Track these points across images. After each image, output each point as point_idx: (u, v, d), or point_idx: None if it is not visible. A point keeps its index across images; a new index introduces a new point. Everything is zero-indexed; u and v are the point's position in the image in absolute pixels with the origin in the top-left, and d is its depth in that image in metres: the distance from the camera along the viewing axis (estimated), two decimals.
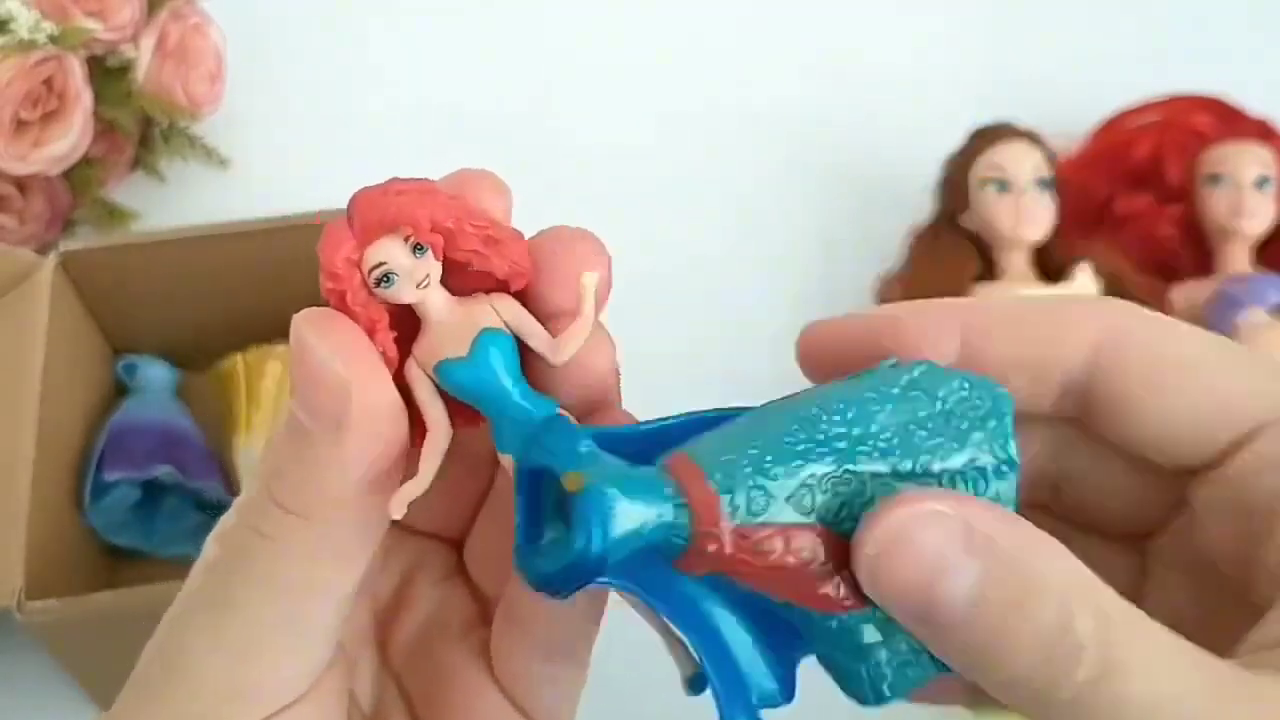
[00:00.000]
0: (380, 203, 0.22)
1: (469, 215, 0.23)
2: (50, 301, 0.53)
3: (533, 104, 0.76)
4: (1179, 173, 0.66)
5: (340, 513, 0.23)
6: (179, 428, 0.57)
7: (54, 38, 0.61)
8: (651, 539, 0.21)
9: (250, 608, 0.23)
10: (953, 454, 0.22)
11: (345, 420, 0.22)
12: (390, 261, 0.22)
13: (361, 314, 0.22)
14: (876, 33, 0.80)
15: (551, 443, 0.22)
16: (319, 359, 0.22)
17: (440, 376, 0.23)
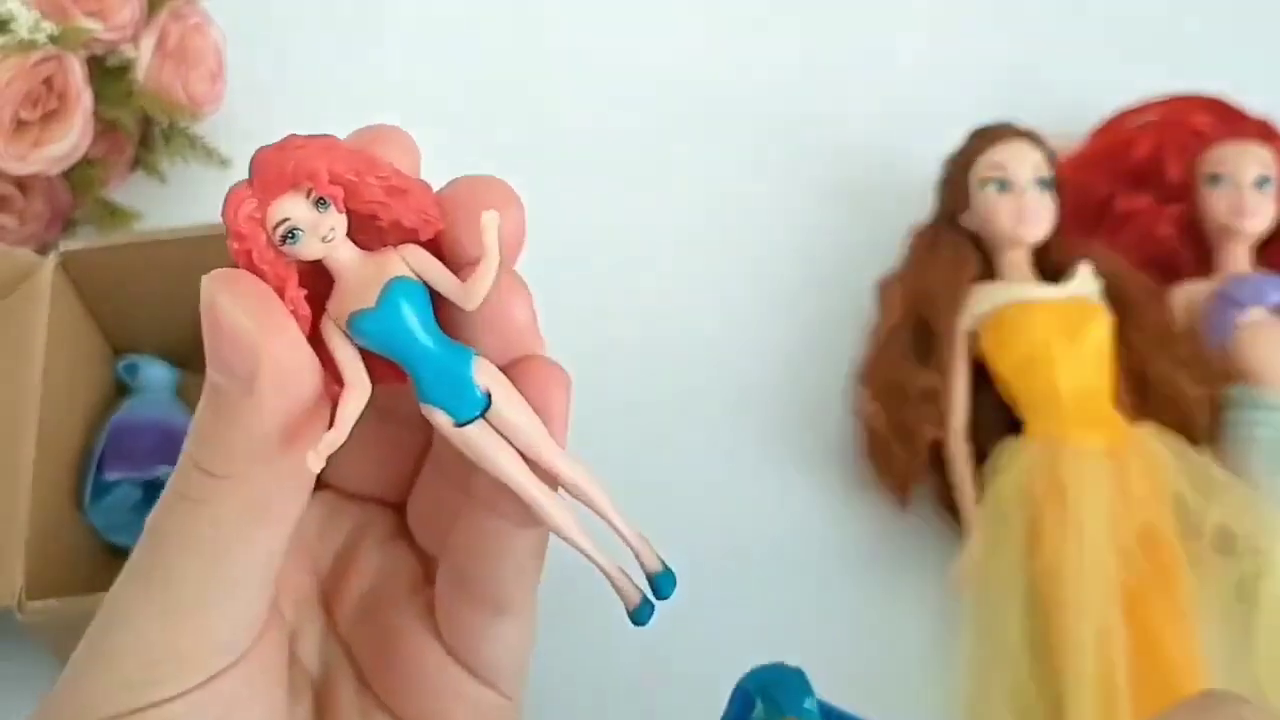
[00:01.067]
0: (279, 159, 0.22)
1: (371, 167, 0.23)
2: (50, 301, 0.53)
3: (533, 104, 0.76)
4: (1179, 173, 0.66)
5: (258, 470, 0.23)
6: (179, 428, 0.57)
7: (54, 38, 0.61)
8: None
9: (177, 570, 0.23)
10: None
11: (256, 375, 0.22)
12: (293, 217, 0.22)
13: (269, 272, 0.22)
14: (876, 32, 0.80)
15: (784, 688, 0.23)
16: (227, 314, 0.22)
17: (352, 330, 0.23)
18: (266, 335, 0.22)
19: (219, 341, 0.22)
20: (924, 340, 0.61)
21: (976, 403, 0.60)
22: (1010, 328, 0.59)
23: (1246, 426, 0.59)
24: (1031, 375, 0.58)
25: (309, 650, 0.28)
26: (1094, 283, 0.61)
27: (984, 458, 0.58)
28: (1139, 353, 0.60)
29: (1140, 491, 0.56)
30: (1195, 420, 0.59)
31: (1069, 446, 0.56)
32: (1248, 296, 0.61)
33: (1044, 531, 0.55)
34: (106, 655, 0.24)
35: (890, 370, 0.61)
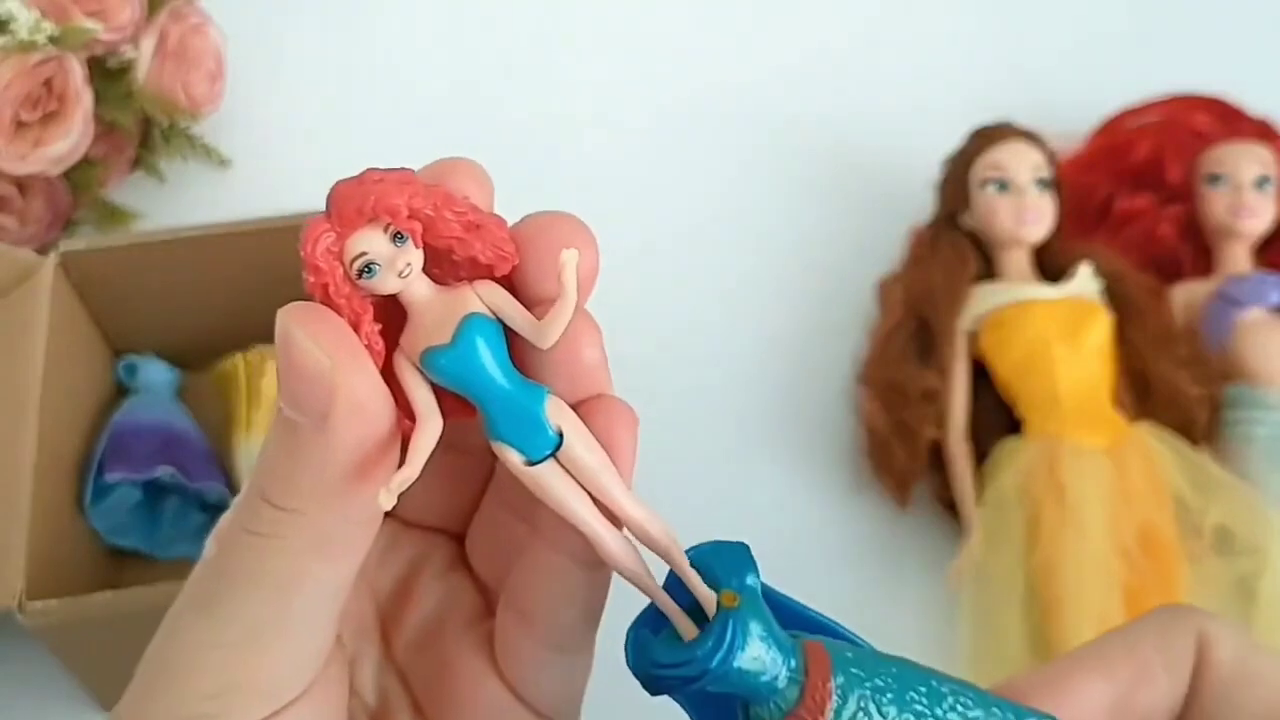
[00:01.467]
0: (357, 193, 0.22)
1: (448, 202, 0.23)
2: (50, 301, 0.53)
3: (531, 103, 0.76)
4: (1179, 173, 0.66)
5: (328, 506, 0.23)
6: (179, 428, 0.57)
7: (54, 38, 0.61)
8: (754, 690, 0.22)
9: (244, 606, 0.23)
10: None
11: (330, 410, 0.22)
12: (371, 251, 0.22)
13: (345, 306, 0.22)
14: (876, 32, 0.80)
15: (725, 562, 0.23)
16: (302, 349, 0.22)
17: (426, 365, 0.23)
18: (342, 372, 0.22)
19: (293, 377, 0.22)
20: (924, 340, 0.61)
21: (976, 402, 0.60)
22: (1010, 327, 0.59)
23: (1245, 425, 0.59)
24: (1031, 375, 0.58)
25: (366, 679, 0.28)
26: (1094, 283, 0.61)
27: (984, 457, 0.58)
28: (1139, 352, 0.60)
29: (1139, 490, 0.56)
30: (1195, 419, 0.59)
31: (1068, 446, 0.56)
32: (1247, 296, 0.61)
33: (1043, 530, 0.55)
34: (166, 687, 0.23)
35: (890, 370, 0.61)
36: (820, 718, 0.22)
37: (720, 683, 0.22)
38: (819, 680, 0.22)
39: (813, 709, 0.22)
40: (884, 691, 0.22)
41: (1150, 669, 0.25)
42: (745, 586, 0.22)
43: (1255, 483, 0.57)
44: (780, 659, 0.22)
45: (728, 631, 0.21)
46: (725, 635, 0.21)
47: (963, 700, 0.22)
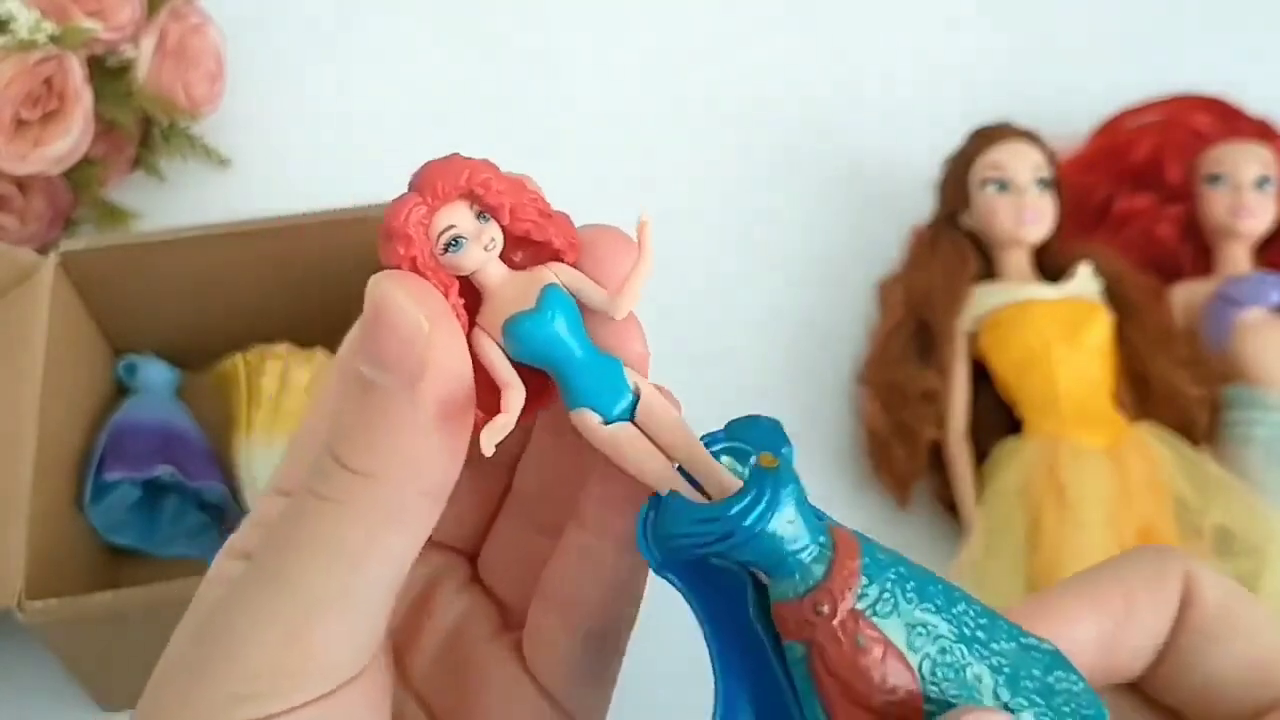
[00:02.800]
0: (449, 169, 0.23)
1: (524, 189, 0.23)
2: (50, 301, 0.53)
3: (532, 103, 0.76)
4: (1179, 173, 0.66)
5: (407, 470, 0.22)
6: (179, 428, 0.57)
7: (54, 38, 0.61)
8: (780, 560, 0.22)
9: (306, 577, 0.22)
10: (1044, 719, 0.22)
11: (423, 370, 0.22)
12: (459, 225, 0.23)
13: (432, 278, 0.23)
14: (877, 32, 0.80)
15: (762, 432, 0.23)
16: (401, 308, 0.22)
17: (508, 335, 0.23)
18: (439, 333, 0.22)
19: (387, 334, 0.22)
20: (924, 340, 0.61)
21: (976, 402, 0.60)
22: (1009, 327, 0.59)
23: (1245, 426, 0.59)
24: (1031, 375, 0.58)
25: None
26: (1094, 283, 0.61)
27: (984, 457, 0.58)
28: (1139, 352, 0.60)
29: (1139, 490, 0.56)
30: (1195, 419, 0.59)
31: (1068, 446, 0.56)
32: (1247, 296, 0.61)
33: (1043, 530, 0.55)
34: (217, 665, 0.22)
35: (890, 370, 0.61)
36: (847, 594, 0.21)
37: (748, 547, 0.21)
38: (847, 558, 0.22)
39: (839, 585, 0.21)
40: (906, 581, 0.22)
41: (1138, 606, 0.25)
42: (781, 454, 0.22)
43: (1255, 483, 0.57)
44: (811, 533, 0.22)
45: (766, 490, 0.21)
46: (764, 493, 0.21)
47: (975, 609, 0.23)
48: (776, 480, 0.21)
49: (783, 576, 0.22)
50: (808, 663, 0.22)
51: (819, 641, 0.21)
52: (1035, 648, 0.23)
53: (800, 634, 0.22)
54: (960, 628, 0.22)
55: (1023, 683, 0.22)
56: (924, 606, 0.22)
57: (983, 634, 0.22)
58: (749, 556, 0.22)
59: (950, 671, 0.21)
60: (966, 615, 0.22)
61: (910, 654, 0.21)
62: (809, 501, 0.22)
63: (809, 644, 0.22)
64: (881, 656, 0.21)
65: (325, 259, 0.58)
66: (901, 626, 0.21)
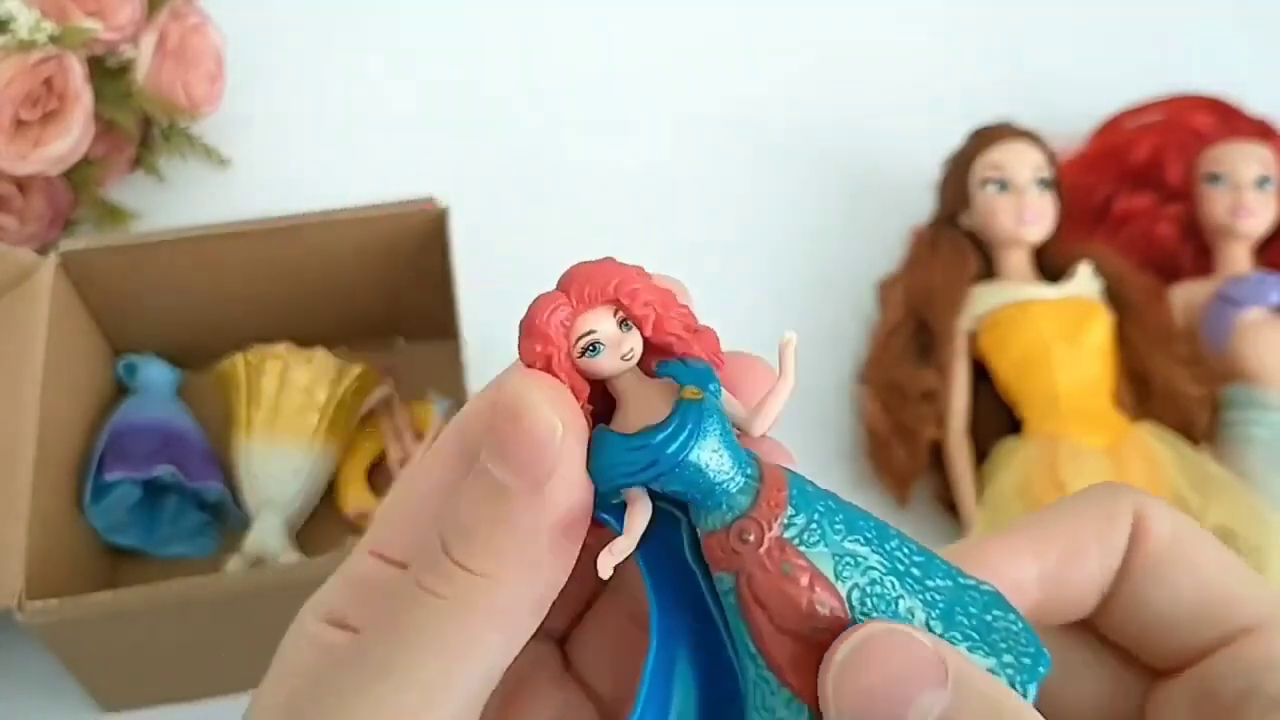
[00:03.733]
0: (599, 274, 0.23)
1: (674, 302, 0.23)
2: (50, 301, 0.53)
3: (530, 101, 0.76)
4: (1179, 173, 0.66)
5: (524, 574, 0.22)
6: (179, 428, 0.57)
7: (54, 38, 0.61)
8: (707, 491, 0.22)
9: (407, 667, 0.22)
10: (978, 654, 0.22)
11: (551, 476, 0.22)
12: (599, 331, 0.23)
13: (565, 381, 0.23)
14: (877, 33, 0.80)
15: (691, 371, 0.23)
16: (538, 412, 0.22)
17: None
18: (570, 440, 0.22)
19: (522, 439, 0.22)
20: (924, 340, 0.61)
21: (976, 402, 0.60)
22: (1009, 327, 0.59)
23: (1244, 425, 0.59)
24: (1030, 374, 0.58)
25: None
26: (1094, 282, 0.61)
27: (984, 457, 0.58)
28: (1139, 352, 0.60)
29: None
30: (1195, 419, 0.59)
31: (1068, 445, 0.56)
32: (1247, 296, 0.61)
33: None
34: None
35: (890, 370, 0.61)
36: (772, 524, 0.22)
37: (674, 475, 0.22)
38: (774, 489, 0.22)
39: (766, 515, 0.22)
40: (835, 513, 0.22)
41: (1084, 543, 0.25)
42: (708, 390, 0.23)
43: (1255, 482, 0.57)
44: (737, 465, 0.22)
45: (688, 420, 0.22)
46: (685, 423, 0.22)
47: (910, 546, 0.23)
48: (700, 410, 0.22)
49: (711, 508, 0.22)
50: (736, 593, 0.22)
51: (746, 570, 0.22)
52: (974, 587, 0.23)
53: (728, 564, 0.22)
54: (894, 562, 0.22)
55: (958, 618, 0.22)
56: (853, 539, 0.22)
57: (917, 570, 0.22)
58: (676, 486, 0.22)
59: (881, 603, 0.22)
60: (900, 551, 0.23)
61: (838, 583, 0.22)
62: (733, 437, 0.23)
63: (736, 573, 0.22)
64: (809, 584, 0.22)
65: (325, 259, 0.58)
66: (829, 556, 0.22)
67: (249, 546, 0.54)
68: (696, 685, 0.23)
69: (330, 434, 0.57)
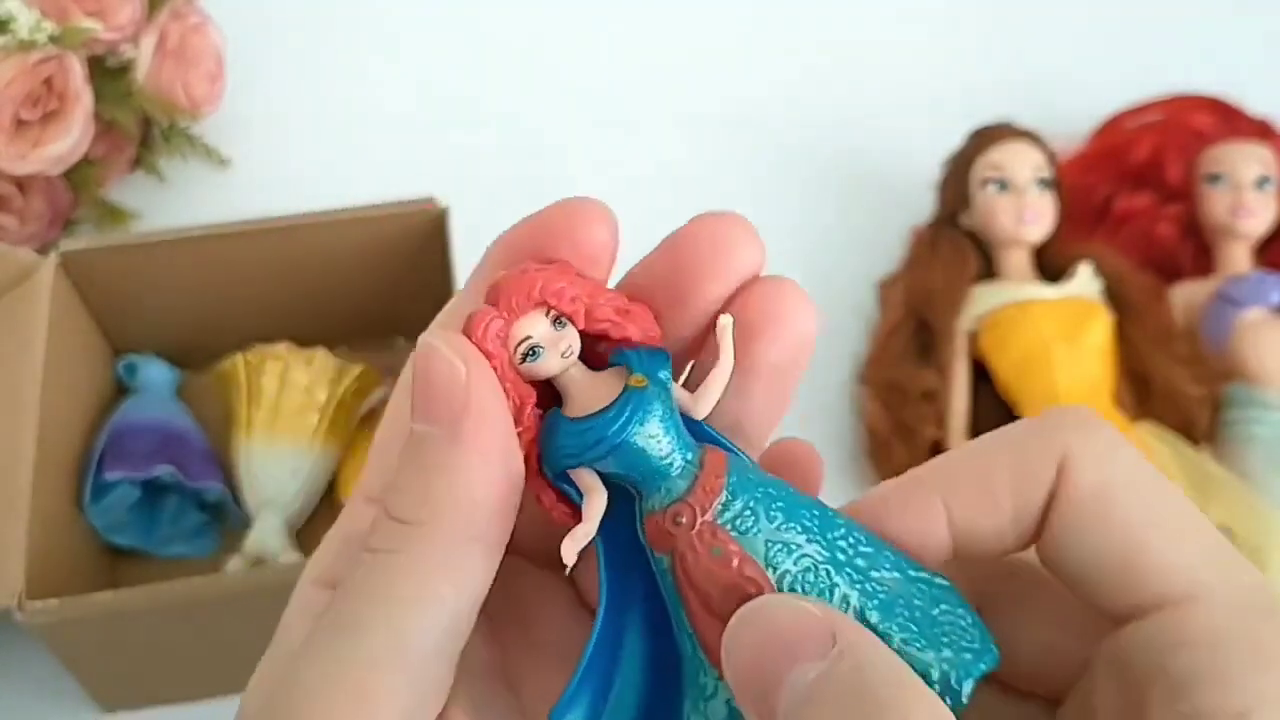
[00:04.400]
0: (523, 281, 0.24)
1: (600, 290, 0.24)
2: (50, 301, 0.53)
3: (530, 101, 0.76)
4: (1179, 173, 0.66)
5: (456, 517, 0.23)
6: (179, 428, 0.57)
7: (54, 38, 0.61)
8: (648, 473, 0.23)
9: (365, 622, 0.22)
10: (914, 646, 0.22)
11: (464, 415, 0.22)
12: (535, 335, 0.24)
13: (511, 390, 0.23)
14: (877, 33, 0.80)
15: (644, 359, 0.24)
16: (441, 357, 0.23)
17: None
18: (475, 374, 0.23)
19: (431, 385, 0.23)
20: (924, 340, 0.61)
21: (976, 402, 0.60)
22: (1009, 327, 0.59)
23: (1245, 425, 0.59)
24: (1030, 374, 0.58)
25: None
26: (1094, 282, 0.61)
27: None
28: (1139, 352, 0.60)
29: None
30: (1195, 419, 0.59)
31: None
32: (1247, 296, 0.61)
33: None
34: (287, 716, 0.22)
35: (890, 370, 0.61)
36: (707, 509, 0.23)
37: (615, 457, 0.23)
38: (712, 475, 0.23)
39: (701, 499, 0.23)
40: (774, 500, 0.23)
41: (994, 492, 0.23)
42: (656, 378, 0.24)
43: (1255, 482, 0.57)
44: (679, 449, 0.23)
45: (629, 405, 0.23)
46: (625, 408, 0.23)
47: (856, 536, 0.23)
48: (642, 396, 0.23)
49: (652, 490, 0.23)
50: (672, 573, 0.23)
51: (679, 551, 0.23)
52: (924, 580, 0.23)
53: (664, 545, 0.23)
54: (834, 552, 0.23)
55: (898, 610, 0.22)
56: (790, 526, 0.23)
57: (862, 561, 0.23)
58: (618, 468, 0.23)
59: (814, 591, 0.22)
60: (844, 541, 0.23)
61: (769, 569, 0.22)
62: (679, 422, 0.24)
63: (671, 554, 0.23)
64: (737, 567, 0.22)
65: (325, 259, 0.58)
66: (761, 543, 0.23)
67: (249, 546, 0.54)
68: (645, 658, 0.24)
69: (330, 434, 0.57)
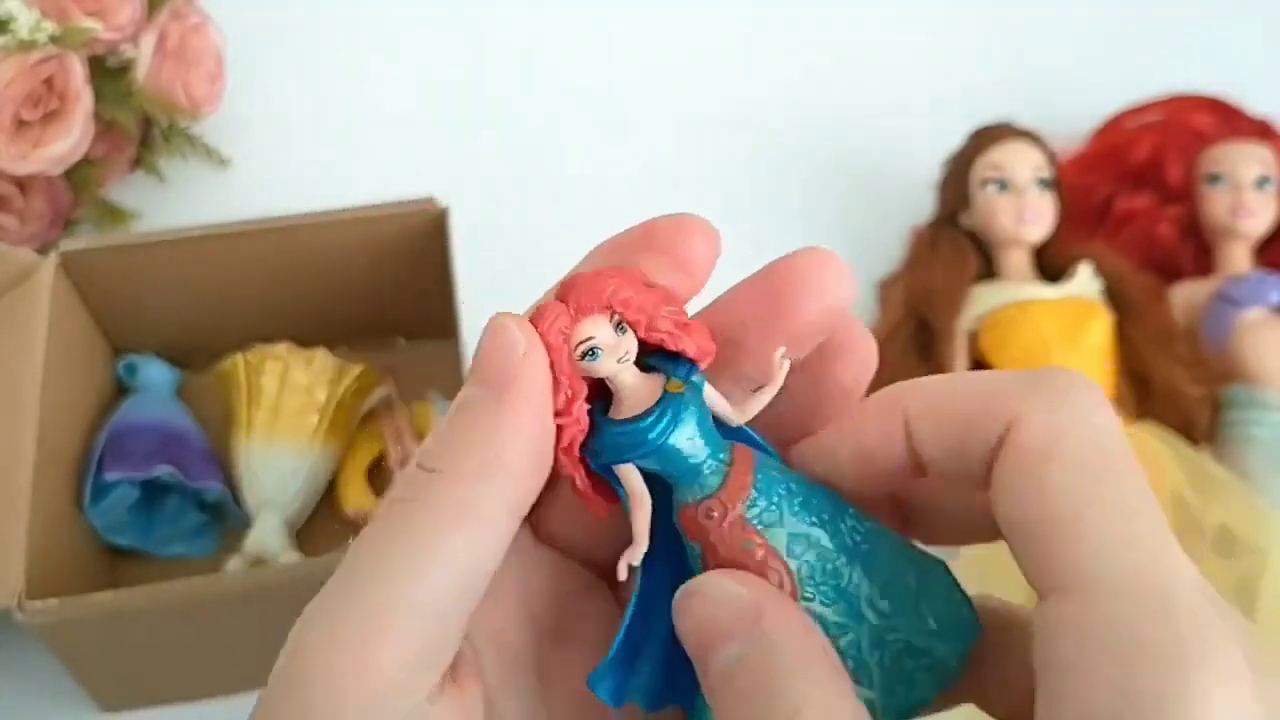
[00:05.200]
0: (596, 285, 0.25)
1: (665, 301, 0.26)
2: (50, 301, 0.53)
3: (530, 101, 0.76)
4: (1179, 173, 0.66)
5: (480, 469, 0.23)
6: (179, 428, 0.57)
7: (54, 38, 0.61)
8: (683, 471, 0.25)
9: (380, 569, 0.23)
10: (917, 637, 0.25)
11: (511, 381, 0.24)
12: (597, 337, 0.25)
13: (565, 382, 0.25)
14: (877, 33, 0.80)
15: (677, 364, 0.26)
16: (509, 330, 0.24)
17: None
18: (532, 354, 0.24)
19: (487, 352, 0.24)
20: (924, 339, 0.61)
21: None
22: (1009, 327, 0.59)
23: (1245, 425, 0.59)
24: None
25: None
26: (1094, 282, 0.61)
27: None
28: (1139, 352, 0.60)
29: None
30: (1195, 419, 0.59)
31: None
32: (1247, 296, 0.61)
33: None
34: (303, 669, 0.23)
35: (890, 370, 0.61)
36: (735, 504, 0.25)
37: (655, 457, 0.25)
38: (741, 474, 0.25)
39: (730, 496, 0.25)
40: (794, 497, 0.25)
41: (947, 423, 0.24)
42: (691, 383, 0.25)
43: (1255, 483, 0.57)
44: (711, 450, 0.25)
45: (668, 410, 0.25)
46: (666, 412, 0.25)
47: (865, 527, 0.25)
48: (679, 402, 0.25)
49: (687, 486, 0.25)
50: (702, 561, 0.25)
51: (710, 542, 0.25)
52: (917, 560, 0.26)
53: (697, 535, 0.25)
54: (842, 539, 0.25)
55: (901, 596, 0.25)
56: (809, 520, 0.25)
57: (868, 547, 0.25)
58: (657, 466, 0.25)
59: (829, 579, 0.25)
60: (855, 530, 0.25)
61: (790, 560, 0.25)
62: (711, 425, 0.25)
63: (702, 544, 0.25)
64: (762, 559, 0.25)
65: (325, 259, 0.58)
66: (784, 535, 0.25)
67: (249, 546, 0.54)
68: (669, 640, 0.25)
69: (330, 434, 0.57)
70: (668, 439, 0.25)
